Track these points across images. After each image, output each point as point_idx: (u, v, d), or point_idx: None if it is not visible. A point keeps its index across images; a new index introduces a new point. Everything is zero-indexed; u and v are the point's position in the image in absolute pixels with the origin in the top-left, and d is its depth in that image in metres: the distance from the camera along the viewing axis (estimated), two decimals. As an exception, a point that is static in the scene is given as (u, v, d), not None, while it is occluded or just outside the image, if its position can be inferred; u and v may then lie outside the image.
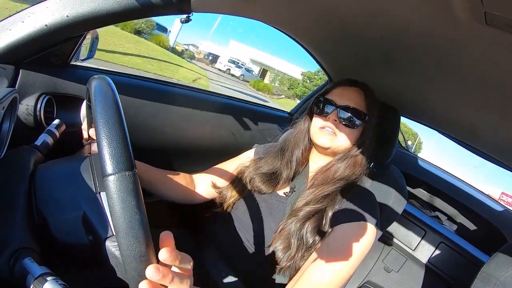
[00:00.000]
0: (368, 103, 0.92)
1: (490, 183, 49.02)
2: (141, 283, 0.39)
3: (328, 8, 0.83)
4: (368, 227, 0.80)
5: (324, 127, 0.91)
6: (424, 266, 1.61)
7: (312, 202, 0.84)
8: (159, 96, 1.20)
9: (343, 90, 0.95)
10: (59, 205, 0.60)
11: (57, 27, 0.69)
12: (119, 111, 0.45)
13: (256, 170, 0.97)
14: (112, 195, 0.38)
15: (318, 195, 0.85)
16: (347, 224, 0.80)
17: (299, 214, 0.82)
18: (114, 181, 0.39)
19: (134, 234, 0.39)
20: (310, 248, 0.79)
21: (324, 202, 0.84)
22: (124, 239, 0.39)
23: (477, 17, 0.49)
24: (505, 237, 1.45)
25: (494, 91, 0.76)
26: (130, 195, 0.39)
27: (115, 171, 0.39)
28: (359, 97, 0.92)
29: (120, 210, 0.38)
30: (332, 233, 0.80)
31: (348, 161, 0.90)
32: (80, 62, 0.98)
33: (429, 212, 1.76)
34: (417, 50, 0.79)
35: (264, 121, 1.65)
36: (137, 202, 0.39)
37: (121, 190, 0.39)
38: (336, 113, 0.90)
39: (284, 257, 0.79)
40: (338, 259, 0.75)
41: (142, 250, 0.39)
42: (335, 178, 0.89)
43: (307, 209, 0.82)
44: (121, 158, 0.40)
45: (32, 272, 0.48)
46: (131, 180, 0.39)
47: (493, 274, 0.97)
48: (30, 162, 0.66)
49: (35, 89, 0.83)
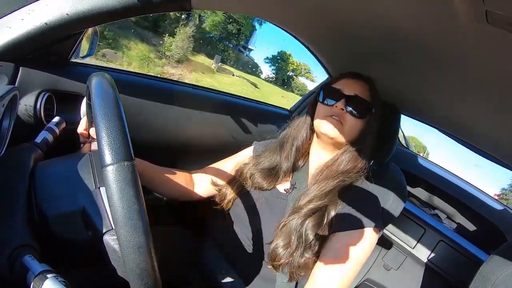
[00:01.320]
0: (372, 96, 0.92)
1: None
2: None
3: (328, 5, 0.83)
4: (371, 232, 0.81)
5: (330, 116, 0.89)
6: (423, 264, 1.62)
7: (316, 199, 0.83)
8: (160, 94, 1.20)
9: (348, 81, 0.94)
10: (58, 200, 0.60)
11: (56, 25, 0.68)
12: (118, 104, 0.45)
13: (256, 166, 0.97)
14: (111, 185, 0.38)
15: (322, 191, 0.84)
16: (350, 231, 0.81)
17: (301, 211, 0.82)
18: (113, 171, 0.39)
19: (132, 224, 0.39)
20: (309, 246, 0.79)
21: (326, 199, 0.83)
22: (122, 229, 0.38)
23: (478, 16, 0.49)
24: (505, 236, 1.45)
25: (495, 89, 0.76)
26: (129, 185, 0.39)
27: (113, 161, 0.39)
28: (364, 89, 0.92)
29: (119, 200, 0.38)
30: (336, 240, 0.80)
31: (351, 154, 0.90)
32: (80, 59, 0.98)
33: (429, 210, 1.76)
34: (418, 49, 0.79)
35: (264, 119, 1.65)
36: (135, 192, 0.39)
37: (120, 180, 0.39)
38: (343, 102, 0.88)
39: (284, 254, 0.79)
40: (343, 266, 0.77)
41: (141, 241, 0.39)
42: (338, 171, 0.88)
43: (310, 206, 0.82)
44: (119, 148, 0.40)
45: (32, 270, 0.48)
46: (129, 170, 0.40)
47: (490, 275, 0.97)
48: (30, 160, 0.66)
49: (35, 86, 0.83)
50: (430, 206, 1.83)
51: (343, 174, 0.88)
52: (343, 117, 0.88)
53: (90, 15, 0.69)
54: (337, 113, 0.88)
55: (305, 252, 0.79)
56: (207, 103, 1.38)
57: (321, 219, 0.82)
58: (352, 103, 0.88)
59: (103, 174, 0.39)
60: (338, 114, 0.88)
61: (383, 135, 1.04)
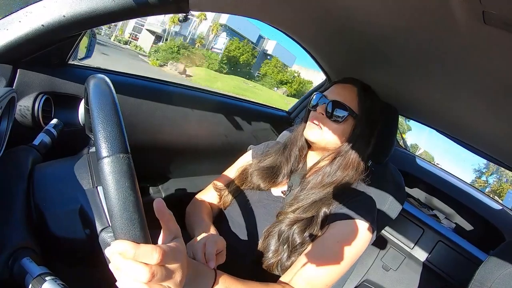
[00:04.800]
0: (361, 100, 0.92)
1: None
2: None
3: (326, 7, 0.83)
4: (364, 225, 0.80)
5: (312, 121, 0.92)
6: (422, 264, 1.62)
7: (299, 211, 0.83)
8: (157, 95, 1.20)
9: (337, 87, 0.96)
10: (56, 199, 0.60)
11: (54, 27, 0.68)
12: (115, 100, 0.45)
13: (257, 164, 0.98)
14: (107, 177, 0.38)
15: (306, 202, 0.84)
16: (342, 221, 0.81)
17: (285, 219, 0.83)
18: (109, 163, 0.39)
19: (128, 216, 0.38)
20: (296, 249, 0.80)
21: (313, 211, 0.83)
22: (118, 221, 0.38)
23: (475, 16, 0.49)
24: (503, 235, 1.46)
25: (492, 89, 0.76)
26: (124, 177, 0.39)
27: (109, 153, 0.39)
28: (350, 93, 0.92)
29: (114, 192, 0.38)
30: (328, 230, 0.80)
31: (338, 161, 0.89)
32: (78, 61, 0.98)
33: (427, 211, 1.77)
34: (416, 50, 0.79)
35: (262, 120, 1.65)
36: (131, 184, 0.39)
37: (115, 171, 0.38)
38: (323, 107, 0.91)
39: (272, 256, 0.80)
40: (332, 255, 0.76)
41: (137, 233, 0.39)
42: (324, 182, 0.87)
43: (294, 216, 0.82)
44: (115, 141, 0.40)
45: (30, 272, 0.48)
46: (125, 162, 0.39)
47: (489, 275, 0.98)
48: (28, 162, 0.66)
49: (33, 88, 0.83)
50: (428, 207, 1.83)
51: (330, 186, 0.87)
52: (323, 122, 0.90)
53: (87, 17, 0.69)
54: (317, 117, 0.91)
55: (292, 255, 0.80)
56: (204, 104, 1.38)
57: (309, 223, 0.82)
58: (331, 107, 0.90)
59: (99, 166, 0.39)
60: (318, 119, 0.91)
61: (382, 135, 1.04)
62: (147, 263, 0.39)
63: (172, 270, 0.43)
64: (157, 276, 0.40)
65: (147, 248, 0.39)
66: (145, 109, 1.16)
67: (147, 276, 0.38)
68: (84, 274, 0.65)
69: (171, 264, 0.43)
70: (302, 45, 1.26)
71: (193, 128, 1.37)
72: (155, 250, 0.39)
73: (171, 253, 0.43)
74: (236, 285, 0.64)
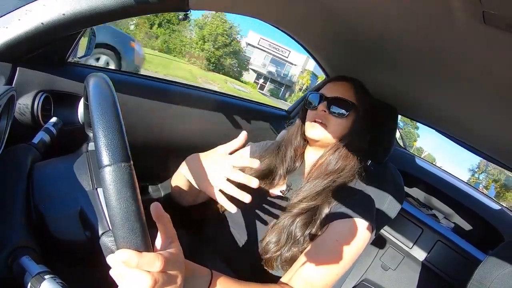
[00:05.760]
0: (358, 94, 0.95)
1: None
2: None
3: (326, 6, 0.83)
4: (363, 223, 0.81)
5: (314, 120, 0.93)
6: (421, 264, 1.62)
7: (307, 199, 0.85)
8: (157, 94, 1.20)
9: (332, 84, 0.99)
10: (56, 201, 0.60)
11: (53, 25, 0.68)
12: (116, 105, 0.45)
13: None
14: (108, 186, 0.38)
15: (312, 191, 0.86)
16: (341, 220, 0.81)
17: (292, 210, 0.84)
18: (110, 172, 0.38)
19: (129, 225, 0.38)
20: (297, 242, 0.80)
21: (319, 199, 0.85)
22: (120, 230, 0.38)
23: (475, 16, 0.49)
24: (502, 236, 1.46)
25: (492, 90, 0.76)
26: (126, 186, 0.39)
27: (111, 162, 0.39)
28: (348, 90, 0.95)
29: (116, 201, 0.38)
30: (327, 229, 0.80)
31: (339, 152, 0.91)
32: (77, 59, 0.97)
33: (426, 211, 1.77)
34: (415, 49, 0.79)
35: (262, 119, 1.65)
36: (132, 193, 0.39)
37: (117, 181, 0.38)
38: (325, 104, 0.93)
39: (273, 249, 0.81)
40: (331, 254, 0.77)
41: (138, 242, 0.39)
42: (328, 171, 0.90)
43: (301, 206, 0.84)
44: (117, 149, 0.40)
45: (29, 271, 0.48)
46: (127, 171, 0.39)
47: (488, 275, 0.98)
48: (28, 161, 0.66)
49: (33, 87, 0.83)
50: (427, 206, 1.83)
51: (333, 174, 0.89)
52: (327, 119, 0.92)
53: (87, 15, 0.68)
54: (320, 115, 0.93)
55: (292, 247, 0.80)
56: (203, 103, 1.38)
57: (311, 218, 0.83)
58: (334, 104, 0.92)
59: (100, 175, 0.39)
60: (321, 117, 0.92)
61: (381, 135, 1.04)
62: (149, 271, 0.41)
63: (172, 276, 0.45)
64: (159, 283, 0.41)
65: (150, 257, 0.40)
66: (145, 107, 1.16)
67: (149, 283, 0.40)
68: (84, 274, 0.64)
69: (171, 270, 0.45)
70: (302, 45, 1.26)
71: (193, 127, 1.37)
72: (157, 258, 0.41)
73: (171, 259, 0.44)
74: (233, 285, 0.65)
